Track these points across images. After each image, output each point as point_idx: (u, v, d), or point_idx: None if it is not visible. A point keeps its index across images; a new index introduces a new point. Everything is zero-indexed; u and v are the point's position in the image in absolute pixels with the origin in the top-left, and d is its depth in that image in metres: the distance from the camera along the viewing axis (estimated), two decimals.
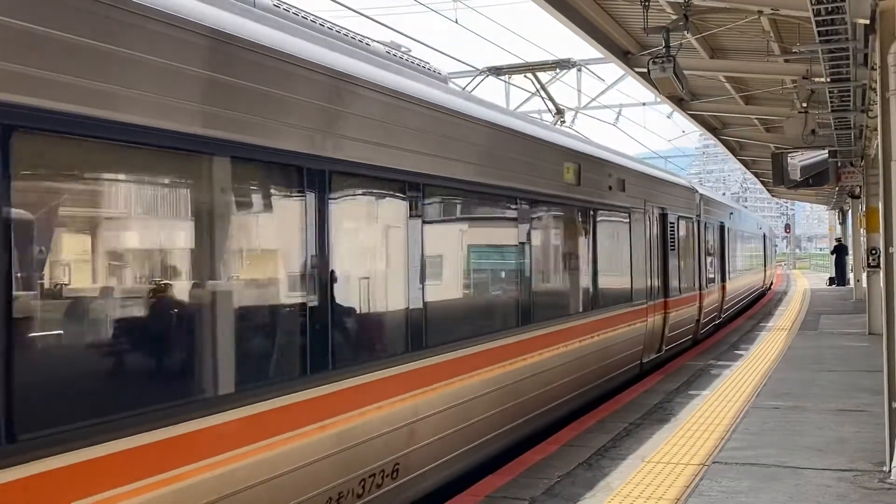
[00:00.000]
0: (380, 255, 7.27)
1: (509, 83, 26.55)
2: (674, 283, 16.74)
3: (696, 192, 20.21)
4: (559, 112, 14.88)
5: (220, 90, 5.20)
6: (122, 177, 4.79)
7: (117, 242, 4.87)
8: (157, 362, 4.88)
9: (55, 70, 4.13)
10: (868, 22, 9.20)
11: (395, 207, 7.36)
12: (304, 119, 6.01)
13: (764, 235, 42.96)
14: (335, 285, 6.19)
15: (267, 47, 5.65)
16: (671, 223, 16.80)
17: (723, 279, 23.82)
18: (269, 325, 5.73)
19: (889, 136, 7.90)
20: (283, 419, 5.53)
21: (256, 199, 5.82)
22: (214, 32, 5.19)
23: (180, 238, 5.21)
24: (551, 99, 14.77)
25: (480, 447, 8.68)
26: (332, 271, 6.16)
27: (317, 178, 6.01)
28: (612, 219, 13.29)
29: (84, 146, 4.37)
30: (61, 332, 4.36)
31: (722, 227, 24.39)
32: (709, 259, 21.34)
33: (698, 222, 19.89)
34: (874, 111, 11.66)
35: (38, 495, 3.99)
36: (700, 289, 19.51)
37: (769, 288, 44.87)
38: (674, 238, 16.88)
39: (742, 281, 30.27)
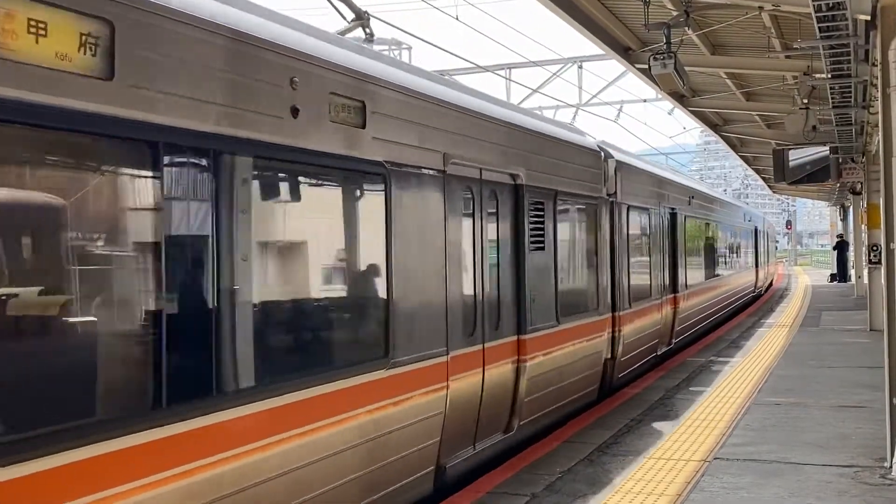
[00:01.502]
0: None
1: (510, 80, 26.67)
2: (541, 308, 9.53)
3: (608, 156, 12.54)
4: (359, 17, 9.05)
5: None
6: None
7: None
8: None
9: None
10: (869, 18, 9.20)
11: None
12: None
13: (755, 229, 35.52)
14: None
15: None
16: (535, 204, 9.52)
17: (674, 290, 16.90)
18: None
19: (890, 132, 7.89)
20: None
21: None
22: None
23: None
24: None
25: None
26: None
27: None
28: (318, 185, 6.43)
29: None
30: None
31: (673, 217, 17.20)
32: (640, 262, 14.45)
33: (612, 206, 12.59)
34: (875, 107, 11.66)
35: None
36: (615, 310, 12.43)
37: (767, 289, 40.41)
38: (542, 231, 9.67)
39: (714, 290, 22.76)
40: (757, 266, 35.12)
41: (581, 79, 26.98)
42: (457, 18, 20.69)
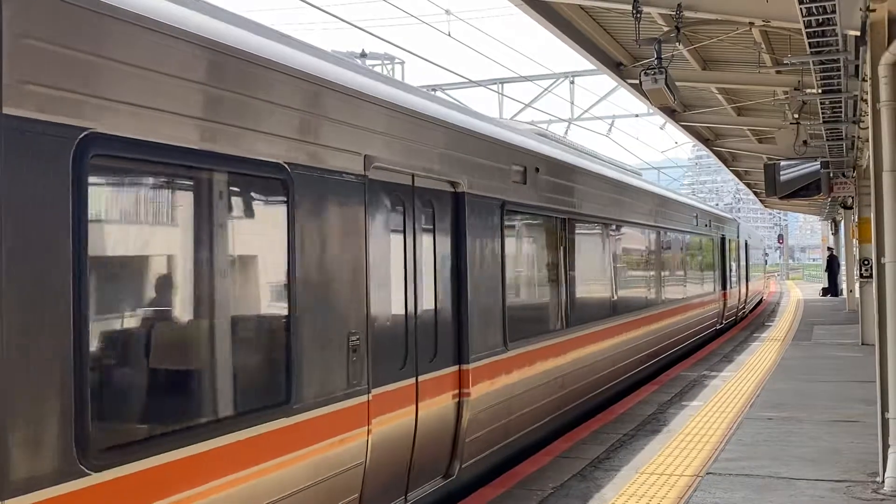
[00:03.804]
0: None
1: (502, 94, 26.74)
2: None
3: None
4: None
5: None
6: None
7: None
8: None
9: None
10: (859, 33, 9.25)
11: None
12: None
13: (723, 239, 26.30)
14: None
15: None
16: None
17: (459, 358, 8.07)
18: None
19: (880, 146, 7.92)
20: None
21: None
22: None
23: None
24: None
25: None
26: None
27: None
28: None
29: None
30: None
31: (501, 208, 9.05)
32: (264, 322, 5.63)
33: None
34: (865, 122, 11.72)
35: None
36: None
37: (749, 312, 34.05)
38: None
39: (610, 339, 13.19)
40: (725, 288, 25.95)
41: (573, 94, 27.07)
42: (448, 35, 20.73)
